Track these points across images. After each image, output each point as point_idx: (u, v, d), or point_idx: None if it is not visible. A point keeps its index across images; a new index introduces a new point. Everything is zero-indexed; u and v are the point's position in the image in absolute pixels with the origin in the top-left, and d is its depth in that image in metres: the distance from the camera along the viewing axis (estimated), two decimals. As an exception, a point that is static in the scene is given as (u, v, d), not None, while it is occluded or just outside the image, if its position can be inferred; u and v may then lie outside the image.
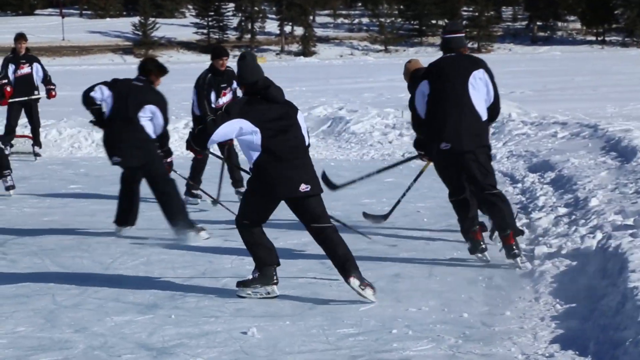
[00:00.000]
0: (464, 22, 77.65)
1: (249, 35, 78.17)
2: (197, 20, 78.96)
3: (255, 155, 6.55)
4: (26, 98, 15.30)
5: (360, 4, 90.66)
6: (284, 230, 8.68)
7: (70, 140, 17.49)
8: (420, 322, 5.99)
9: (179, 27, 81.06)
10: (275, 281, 6.75)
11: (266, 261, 6.73)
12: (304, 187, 6.53)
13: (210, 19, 78.39)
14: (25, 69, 15.39)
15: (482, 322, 6.01)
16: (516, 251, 7.47)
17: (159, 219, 9.04)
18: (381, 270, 7.40)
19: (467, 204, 7.66)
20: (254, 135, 6.52)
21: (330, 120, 18.71)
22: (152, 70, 9.11)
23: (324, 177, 9.33)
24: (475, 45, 75.12)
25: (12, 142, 15.62)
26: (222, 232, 8.94)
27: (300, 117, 6.77)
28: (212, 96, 10.90)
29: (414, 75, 8.63)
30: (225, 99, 10.92)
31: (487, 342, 5.58)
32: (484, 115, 7.54)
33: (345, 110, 19.48)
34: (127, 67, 73.83)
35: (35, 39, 74.30)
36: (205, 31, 77.61)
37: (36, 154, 15.71)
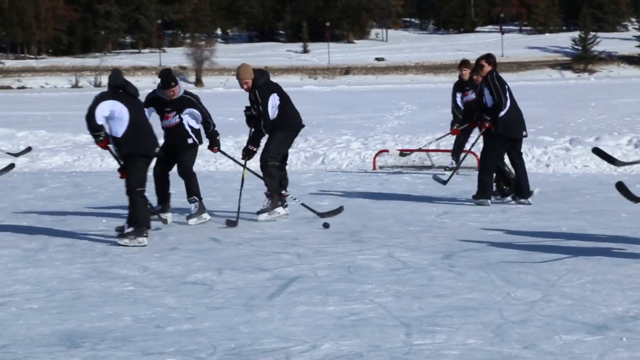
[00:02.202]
0: None
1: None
2: (640, 34, 76.62)
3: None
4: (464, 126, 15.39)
5: None
6: None
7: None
8: None
9: (620, 40, 79.17)
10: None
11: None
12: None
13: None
14: (471, 95, 15.72)
15: None
16: None
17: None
18: None
19: None
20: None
21: None
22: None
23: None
24: None
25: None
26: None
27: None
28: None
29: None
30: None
31: None
32: None
33: None
34: (565, 82, 73.42)
35: (474, 55, 75.96)
36: (648, 44, 75.06)
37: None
